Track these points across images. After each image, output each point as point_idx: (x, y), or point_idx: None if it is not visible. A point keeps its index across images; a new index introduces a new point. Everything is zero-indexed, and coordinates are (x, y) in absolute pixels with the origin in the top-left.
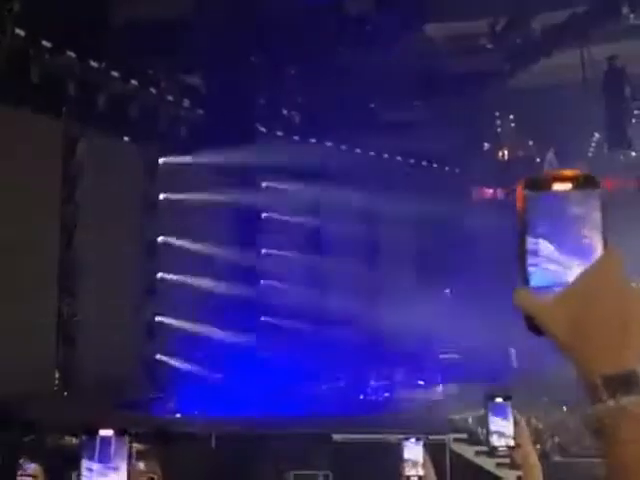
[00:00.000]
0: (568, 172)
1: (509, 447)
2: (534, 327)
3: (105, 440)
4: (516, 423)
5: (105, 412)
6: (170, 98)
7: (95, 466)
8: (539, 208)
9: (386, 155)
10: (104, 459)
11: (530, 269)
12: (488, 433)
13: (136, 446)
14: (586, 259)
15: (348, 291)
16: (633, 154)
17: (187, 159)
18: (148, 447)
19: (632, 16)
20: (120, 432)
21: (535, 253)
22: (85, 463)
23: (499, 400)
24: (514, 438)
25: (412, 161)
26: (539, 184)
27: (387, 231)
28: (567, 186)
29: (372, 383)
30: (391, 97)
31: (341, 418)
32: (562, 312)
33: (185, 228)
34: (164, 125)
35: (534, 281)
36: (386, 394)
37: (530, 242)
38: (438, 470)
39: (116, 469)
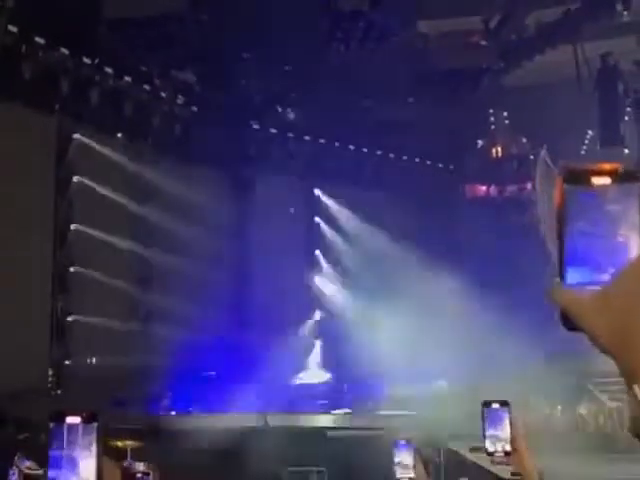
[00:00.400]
0: (608, 166)
1: (505, 452)
2: (570, 324)
3: (73, 427)
4: (512, 427)
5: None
6: (164, 95)
7: (63, 453)
8: (577, 203)
9: (379, 152)
10: (71, 447)
11: (567, 266)
12: (484, 438)
13: (131, 444)
14: (623, 258)
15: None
16: (626, 151)
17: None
18: (143, 444)
19: (625, 13)
20: (88, 419)
21: (572, 250)
22: (52, 452)
23: (496, 406)
24: (510, 442)
25: (405, 158)
26: (578, 177)
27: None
28: (606, 180)
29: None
30: (385, 94)
31: (337, 414)
32: (603, 315)
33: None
34: (157, 122)
35: (570, 279)
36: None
37: (568, 238)
38: (433, 466)
39: (83, 457)
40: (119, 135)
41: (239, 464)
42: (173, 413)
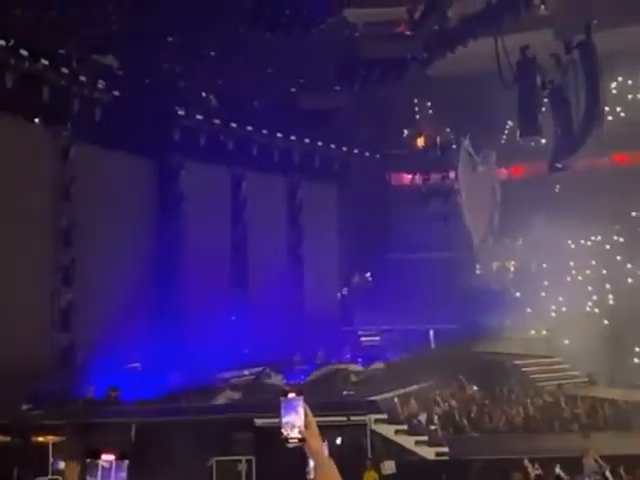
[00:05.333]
0: None
1: (300, 439)
2: None
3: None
4: (306, 417)
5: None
6: (83, 79)
7: None
8: None
9: (307, 140)
10: None
11: None
12: (281, 425)
13: (52, 438)
14: None
15: (268, 271)
16: (543, 141)
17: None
18: (67, 439)
19: (543, 7)
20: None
21: None
22: None
23: (291, 395)
24: (303, 428)
25: (333, 146)
26: None
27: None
28: None
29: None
30: (311, 82)
31: (263, 403)
32: None
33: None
34: (77, 107)
35: None
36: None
37: None
38: (361, 450)
39: None
40: (37, 120)
41: (165, 456)
42: (96, 405)
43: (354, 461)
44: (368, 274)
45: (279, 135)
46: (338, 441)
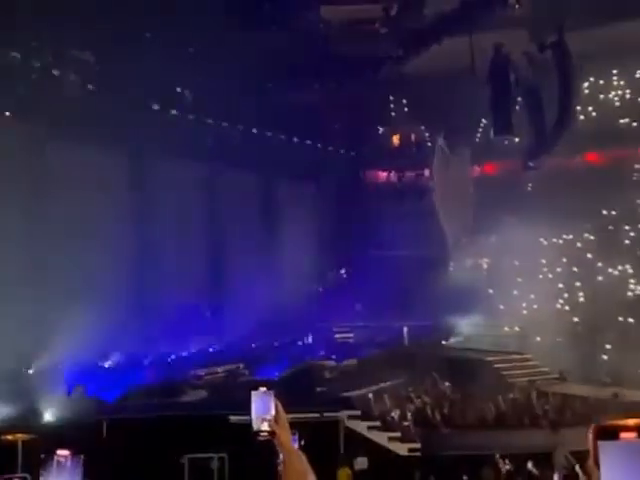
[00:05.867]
0: (633, 422)
1: (270, 433)
2: None
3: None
4: (277, 412)
5: None
6: (56, 73)
7: None
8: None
9: (283, 137)
10: None
11: None
12: (252, 419)
13: (21, 436)
14: None
15: (243, 267)
16: (517, 140)
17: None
18: (35, 437)
19: (517, 7)
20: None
21: None
22: None
23: (262, 389)
24: (273, 422)
25: (309, 142)
26: (608, 434)
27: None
28: (633, 435)
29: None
30: (287, 78)
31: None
32: None
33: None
34: (51, 101)
35: None
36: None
37: None
38: (334, 445)
39: None
40: (7, 114)
41: (138, 454)
42: (70, 403)
43: (327, 457)
44: (343, 271)
45: (254, 131)
46: (310, 437)
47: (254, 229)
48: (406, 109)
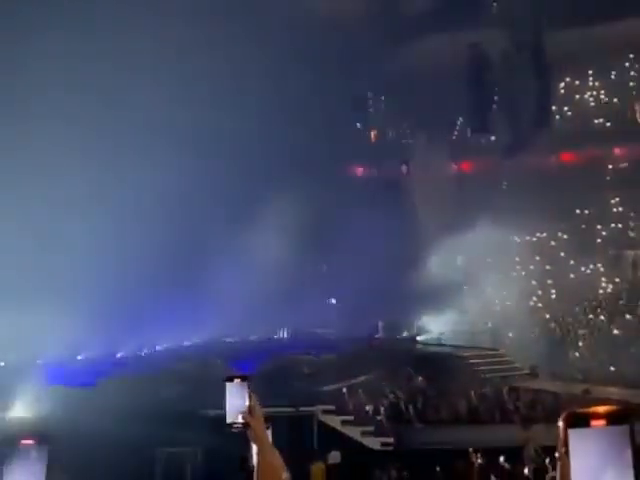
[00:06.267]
0: (602, 409)
1: (243, 424)
2: None
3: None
4: (251, 403)
5: None
6: None
7: None
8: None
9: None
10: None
11: None
12: (226, 411)
13: None
14: None
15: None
16: (493, 138)
17: None
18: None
19: (495, 5)
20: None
21: None
22: None
23: (237, 380)
24: (246, 417)
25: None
26: (578, 421)
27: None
28: (602, 422)
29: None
30: (268, 76)
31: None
32: None
33: None
34: None
35: None
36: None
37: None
38: (307, 438)
39: None
40: None
41: (114, 449)
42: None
43: (301, 451)
44: (319, 266)
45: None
46: (286, 431)
47: (232, 225)
48: (384, 106)
